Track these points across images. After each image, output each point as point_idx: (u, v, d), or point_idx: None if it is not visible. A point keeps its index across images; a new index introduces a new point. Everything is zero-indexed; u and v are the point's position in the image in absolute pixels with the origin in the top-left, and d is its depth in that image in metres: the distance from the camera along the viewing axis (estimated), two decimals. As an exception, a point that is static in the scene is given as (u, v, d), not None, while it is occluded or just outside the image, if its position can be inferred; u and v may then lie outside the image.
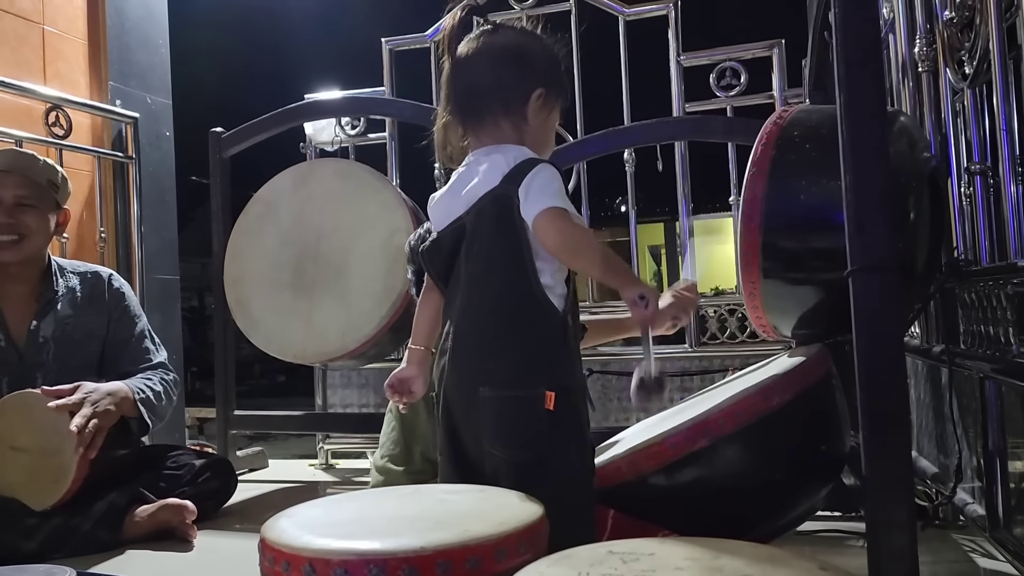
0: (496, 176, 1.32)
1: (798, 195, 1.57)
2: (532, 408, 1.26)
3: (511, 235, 1.30)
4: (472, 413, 1.30)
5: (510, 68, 1.39)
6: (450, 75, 1.42)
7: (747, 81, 2.99)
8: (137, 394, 2.21)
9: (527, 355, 1.29)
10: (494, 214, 1.31)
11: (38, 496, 2.04)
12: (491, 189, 1.32)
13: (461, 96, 1.40)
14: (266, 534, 1.00)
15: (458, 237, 1.35)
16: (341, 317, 2.67)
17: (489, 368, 1.29)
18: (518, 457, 1.26)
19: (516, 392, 1.27)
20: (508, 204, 1.30)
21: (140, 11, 3.55)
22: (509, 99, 1.38)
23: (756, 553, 0.89)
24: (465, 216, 1.34)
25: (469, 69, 1.39)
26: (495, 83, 1.38)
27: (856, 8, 1.06)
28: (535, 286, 1.29)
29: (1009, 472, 1.48)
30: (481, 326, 1.31)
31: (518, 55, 1.40)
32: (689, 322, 2.94)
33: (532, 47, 1.42)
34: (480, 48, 1.39)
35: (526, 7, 3.19)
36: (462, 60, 1.40)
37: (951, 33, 1.69)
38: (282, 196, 2.89)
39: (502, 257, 1.31)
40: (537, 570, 0.87)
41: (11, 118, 2.94)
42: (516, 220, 1.29)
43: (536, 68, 1.41)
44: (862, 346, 1.03)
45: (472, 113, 1.40)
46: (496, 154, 1.36)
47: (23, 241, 2.25)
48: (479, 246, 1.32)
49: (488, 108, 1.38)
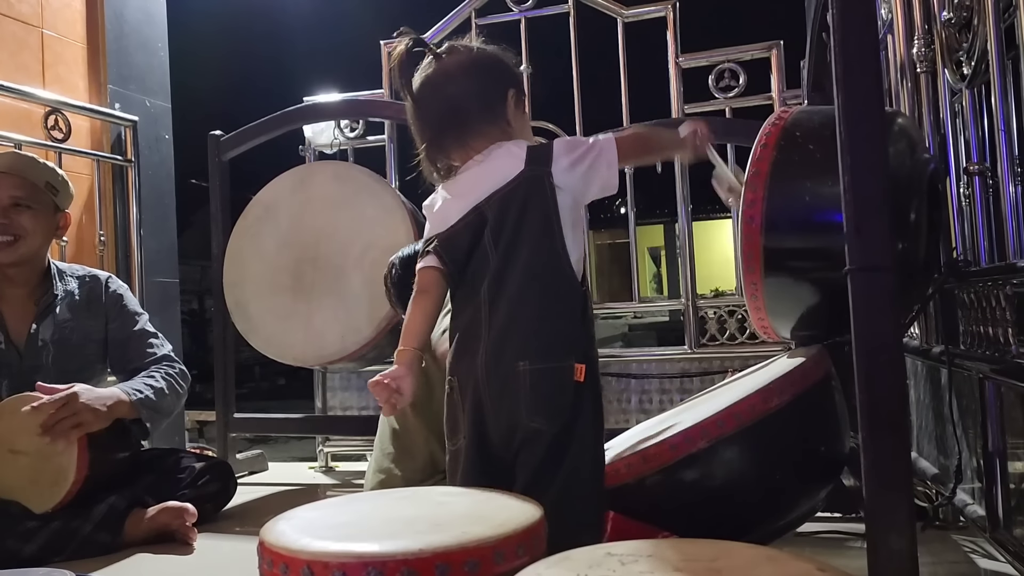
0: (516, 163, 1.38)
1: (799, 196, 1.57)
2: (567, 378, 1.33)
3: (544, 214, 1.36)
4: (506, 389, 1.34)
5: (482, 79, 1.47)
6: (417, 108, 1.48)
7: (746, 82, 2.99)
8: (133, 396, 2.20)
9: (559, 329, 1.36)
10: (525, 195, 1.37)
11: (38, 499, 2.04)
12: (518, 173, 1.38)
13: (438, 122, 1.47)
14: (265, 537, 1.00)
15: (478, 226, 1.39)
16: (340, 320, 2.67)
17: (527, 342, 1.34)
18: (554, 426, 1.32)
19: (553, 363, 1.33)
20: (540, 184, 1.36)
21: (139, 14, 3.55)
22: (489, 107, 1.45)
23: (755, 554, 0.89)
24: (485, 205, 1.38)
25: (441, 91, 1.46)
26: (473, 96, 1.45)
27: (854, 9, 1.06)
28: (565, 262, 1.37)
29: (1009, 473, 1.47)
30: (516, 303, 1.35)
31: (483, 67, 1.48)
32: (689, 320, 2.95)
33: (492, 55, 1.50)
34: (442, 73, 1.46)
35: (524, 9, 3.20)
36: (428, 89, 1.46)
37: (949, 34, 1.69)
38: (281, 199, 2.89)
39: (535, 235, 1.36)
40: (535, 572, 0.87)
41: (10, 122, 2.94)
42: (549, 199, 1.36)
43: (501, 73, 1.49)
44: (861, 347, 1.03)
45: (455, 134, 1.46)
46: (502, 148, 1.42)
47: (18, 242, 2.24)
48: (508, 228, 1.37)
49: (471, 121, 1.44)
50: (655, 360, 3.00)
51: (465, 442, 1.38)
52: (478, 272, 1.39)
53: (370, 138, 3.47)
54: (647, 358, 3.03)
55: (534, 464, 1.31)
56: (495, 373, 1.35)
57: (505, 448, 1.35)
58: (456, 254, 1.41)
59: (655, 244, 20.72)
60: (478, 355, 1.37)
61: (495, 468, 1.34)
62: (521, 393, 1.32)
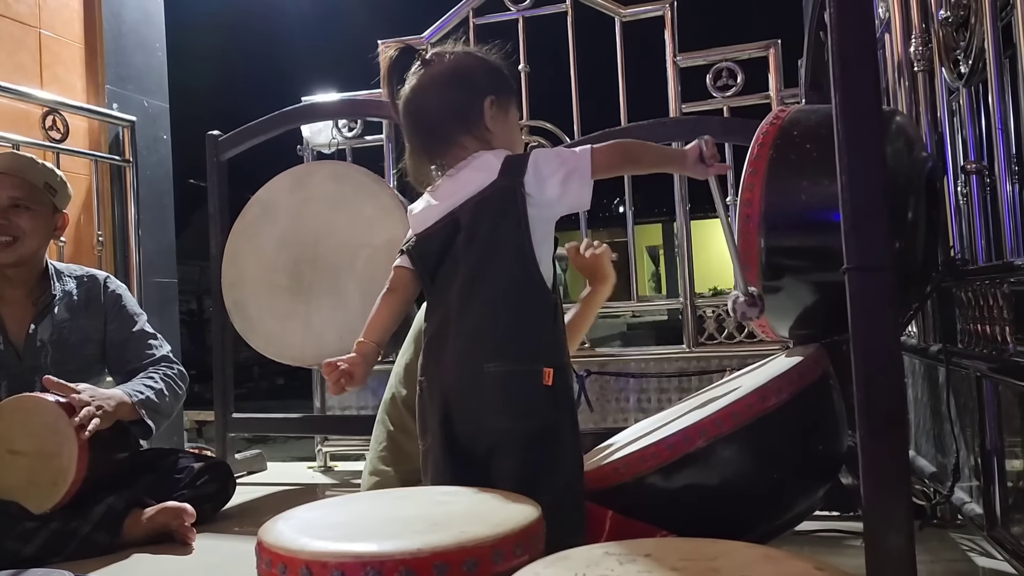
0: (490, 173, 1.39)
1: (796, 195, 1.57)
2: (534, 382, 1.34)
3: (515, 223, 1.37)
4: (474, 390, 1.35)
5: (456, 89, 1.47)
6: (402, 119, 1.50)
7: (743, 81, 3.00)
8: (135, 397, 2.20)
9: (527, 333, 1.36)
10: (497, 204, 1.38)
11: (36, 499, 2.03)
12: (491, 182, 1.38)
13: (419, 131, 1.49)
14: (263, 537, 1.00)
15: (450, 231, 1.40)
16: (339, 319, 2.67)
17: (495, 345, 1.35)
18: (521, 427, 1.33)
19: (520, 367, 1.34)
20: (512, 195, 1.37)
21: (136, 14, 3.55)
22: (465, 117, 1.46)
23: (753, 553, 0.89)
24: (458, 211, 1.40)
25: (419, 104, 1.48)
26: (447, 108, 1.46)
27: (851, 8, 1.06)
28: (534, 270, 1.37)
29: (1007, 471, 1.48)
30: (486, 308, 1.37)
31: (460, 76, 1.48)
32: (687, 319, 2.95)
33: (469, 63, 1.50)
34: (423, 82, 1.48)
35: (522, 8, 3.20)
36: (410, 98, 1.48)
37: (947, 32, 1.70)
38: (279, 199, 2.89)
39: (506, 243, 1.37)
40: (534, 571, 0.87)
41: (8, 122, 2.94)
42: (519, 209, 1.36)
43: (479, 80, 1.49)
44: (859, 345, 1.03)
45: (435, 143, 1.48)
46: (480, 159, 1.43)
47: (17, 243, 2.24)
48: (480, 235, 1.38)
49: (449, 133, 1.46)
50: (653, 359, 3.01)
51: (433, 442, 1.40)
52: (449, 276, 1.41)
53: (368, 138, 3.48)
54: (645, 357, 3.03)
55: (512, 469, 1.32)
56: (463, 375, 1.36)
57: (472, 449, 1.36)
58: (428, 257, 1.43)
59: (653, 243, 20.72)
60: (446, 356, 1.39)
61: (464, 469, 1.34)
62: (488, 395, 1.33)
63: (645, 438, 1.49)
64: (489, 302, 1.36)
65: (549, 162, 1.39)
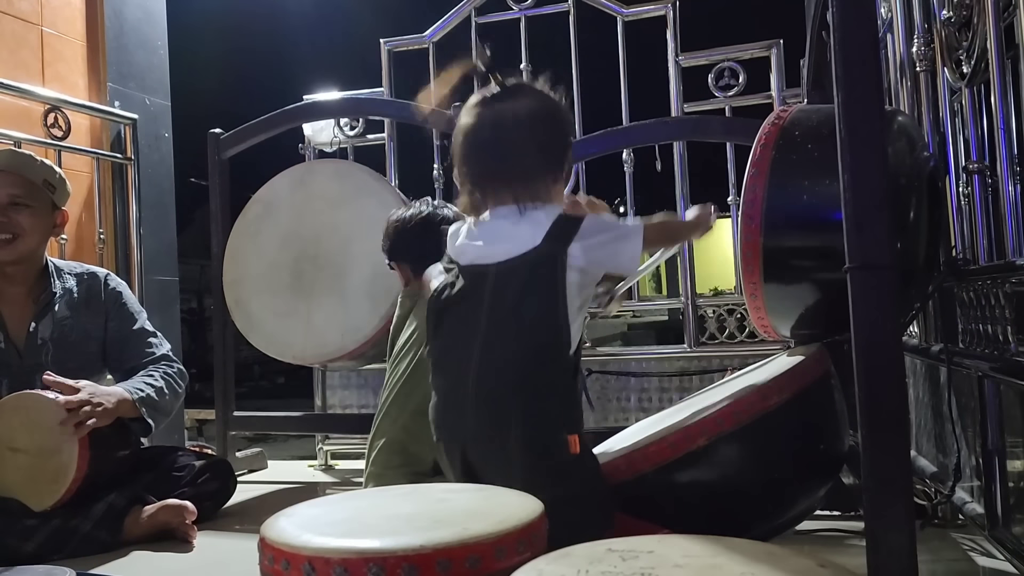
0: (537, 231, 1.35)
1: (799, 195, 1.57)
2: (561, 451, 1.33)
3: (552, 292, 1.33)
4: (499, 460, 1.34)
5: (550, 132, 1.43)
6: (469, 140, 1.42)
7: (745, 81, 3.00)
8: (135, 394, 2.20)
9: (551, 402, 1.35)
10: (534, 270, 1.34)
11: (37, 497, 2.04)
12: (533, 247, 1.34)
13: (491, 161, 1.42)
14: (266, 533, 1.00)
15: (481, 282, 1.38)
16: (340, 318, 2.67)
17: (521, 416, 1.33)
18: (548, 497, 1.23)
19: (546, 437, 1.33)
20: (553, 262, 1.34)
21: (138, 12, 3.55)
22: (547, 160, 1.42)
23: (755, 551, 0.89)
24: (495, 266, 1.37)
25: (502, 136, 1.41)
26: (537, 149, 1.41)
27: (854, 8, 1.06)
28: (563, 337, 1.35)
29: (1008, 471, 1.48)
30: (510, 374, 1.34)
31: (553, 119, 1.44)
32: (688, 319, 2.95)
33: (558, 108, 1.46)
34: (511, 114, 1.41)
35: (524, 8, 3.20)
36: (490, 126, 1.41)
37: (949, 32, 1.70)
38: (281, 197, 2.89)
39: (539, 311, 1.34)
40: (536, 568, 0.87)
41: (10, 119, 2.94)
42: (559, 276, 1.33)
43: (566, 128, 1.48)
44: (860, 345, 1.03)
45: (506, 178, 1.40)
46: (532, 212, 1.38)
47: (16, 241, 2.24)
48: (511, 297, 1.35)
49: (525, 172, 1.40)
50: (654, 359, 3.01)
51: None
52: (468, 326, 1.38)
53: (370, 136, 3.48)
54: (646, 357, 3.04)
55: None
56: (486, 442, 1.36)
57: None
58: (451, 291, 1.41)
59: (654, 243, 20.67)
60: (466, 418, 1.37)
61: None
62: (514, 465, 1.32)
63: (647, 437, 1.49)
64: (510, 367, 1.34)
65: (602, 231, 1.37)
